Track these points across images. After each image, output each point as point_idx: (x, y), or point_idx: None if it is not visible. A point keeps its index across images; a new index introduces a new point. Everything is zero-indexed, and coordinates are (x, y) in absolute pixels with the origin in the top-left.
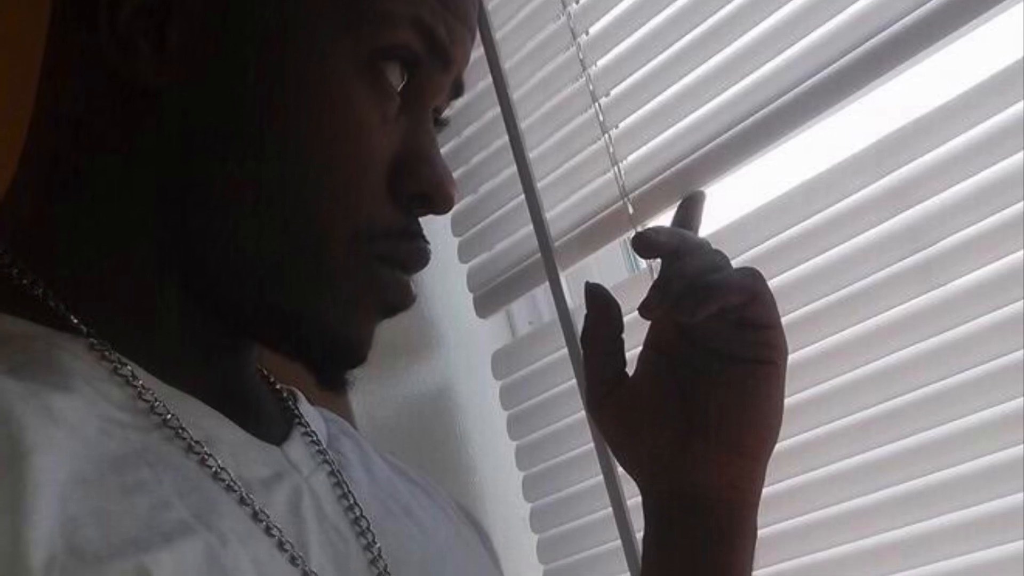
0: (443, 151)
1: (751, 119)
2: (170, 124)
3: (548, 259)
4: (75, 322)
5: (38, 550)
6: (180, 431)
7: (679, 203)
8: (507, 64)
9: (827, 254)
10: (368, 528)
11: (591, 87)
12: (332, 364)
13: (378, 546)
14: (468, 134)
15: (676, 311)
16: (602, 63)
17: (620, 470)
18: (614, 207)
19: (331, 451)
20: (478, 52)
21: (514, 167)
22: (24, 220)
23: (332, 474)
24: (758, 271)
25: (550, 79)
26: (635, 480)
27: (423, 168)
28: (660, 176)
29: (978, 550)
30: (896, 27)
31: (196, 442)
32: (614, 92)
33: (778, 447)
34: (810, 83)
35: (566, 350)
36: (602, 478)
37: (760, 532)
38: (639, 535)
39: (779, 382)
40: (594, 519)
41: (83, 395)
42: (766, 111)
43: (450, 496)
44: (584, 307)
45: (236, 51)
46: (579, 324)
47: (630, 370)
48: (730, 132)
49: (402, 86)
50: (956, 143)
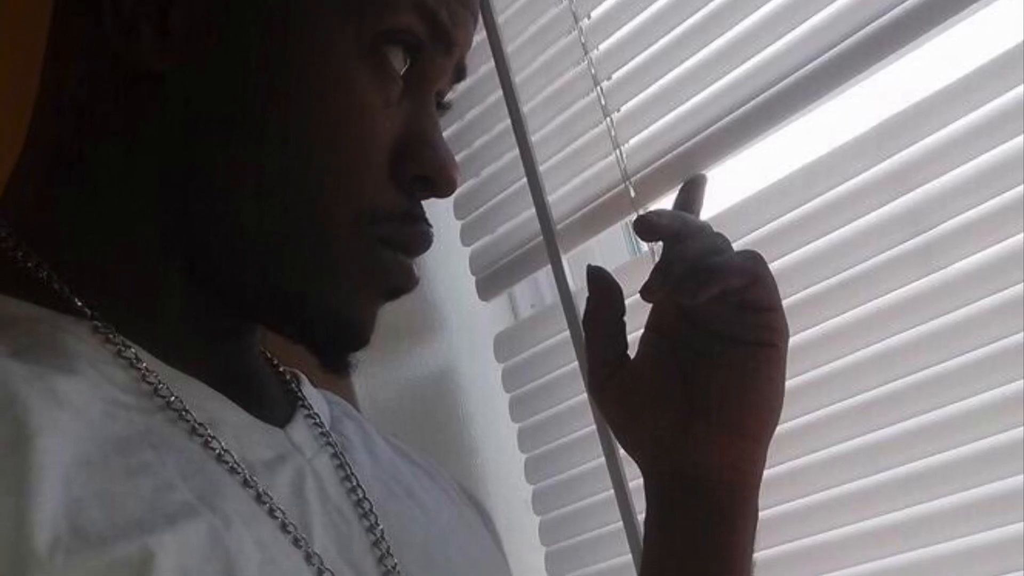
0: (445, 134)
1: (752, 103)
2: (173, 109)
3: (550, 242)
4: (79, 305)
5: (43, 532)
6: (183, 413)
7: (680, 186)
8: (509, 48)
9: (828, 237)
10: (371, 510)
11: (593, 71)
12: (335, 346)
13: (381, 528)
14: (470, 117)
15: (677, 294)
16: (604, 47)
17: (622, 452)
18: (616, 190)
19: (334, 433)
20: (480, 36)
21: (516, 150)
22: (28, 204)
23: (335, 456)
24: (759, 254)
25: (552, 63)
26: (636, 462)
27: (425, 151)
28: (662, 159)
29: (978, 532)
30: (896, 11)
31: (200, 424)
32: (616, 76)
33: (779, 429)
34: (811, 67)
35: (568, 333)
36: (604, 460)
37: (761, 514)
38: (641, 517)
39: (780, 364)
40: (596, 501)
41: (87, 378)
42: (767, 95)
43: (452, 478)
44: (586, 290)
45: (239, 35)
46: (581, 307)
47: (632, 352)
48: (731, 116)
49: (404, 70)
50: (956, 127)
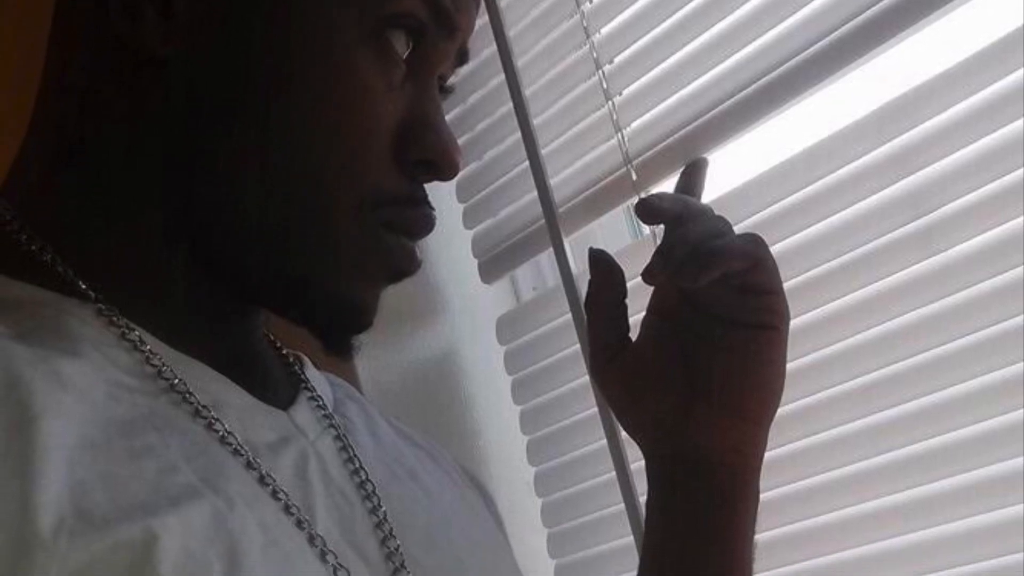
0: (448, 118)
1: (753, 86)
2: (177, 93)
3: (552, 225)
4: (83, 288)
5: (47, 514)
6: (187, 395)
7: (682, 169)
8: (511, 32)
9: (829, 220)
10: (373, 492)
11: (595, 55)
12: (338, 329)
13: (383, 509)
14: (473, 101)
15: (679, 277)
16: (606, 31)
17: (623, 434)
18: (617, 174)
19: (337, 415)
20: (483, 20)
21: (518, 134)
22: (32, 187)
23: (338, 438)
24: (760, 237)
25: (554, 46)
26: (638, 444)
27: (428, 135)
28: (663, 143)
29: (978, 514)
30: None
31: (203, 406)
32: (617, 60)
33: (780, 412)
34: (812, 50)
35: (570, 315)
36: (605, 442)
37: (762, 496)
38: (642, 499)
39: (781, 347)
40: (597, 483)
41: (91, 360)
42: (768, 78)
43: (455, 460)
44: (588, 273)
45: (242, 20)
46: (583, 289)
47: (633, 335)
48: (733, 99)
49: (407, 54)
50: (957, 110)
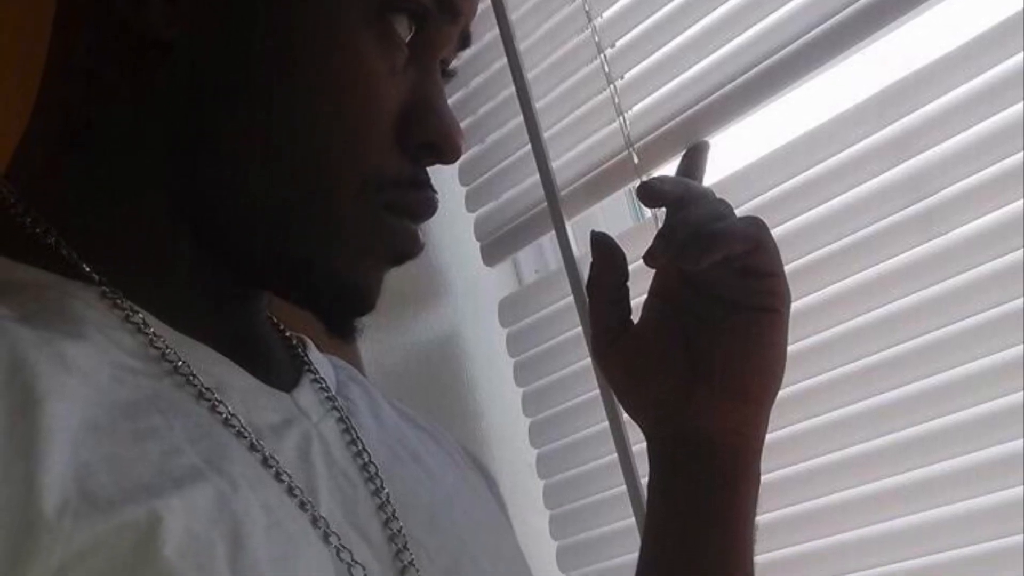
0: (450, 101)
1: (755, 70)
2: (181, 75)
3: (554, 208)
4: (87, 270)
5: (51, 495)
6: (191, 378)
7: (683, 153)
8: (514, 16)
9: (829, 203)
10: (376, 473)
11: (597, 38)
12: (341, 312)
13: (386, 491)
14: (475, 85)
15: (680, 259)
16: (607, 15)
17: (625, 416)
18: (619, 157)
19: (340, 397)
20: (485, 3)
21: (520, 117)
22: (37, 170)
23: (341, 420)
24: (761, 220)
25: (556, 30)
26: (640, 426)
27: (431, 118)
28: (665, 126)
29: (979, 496)
30: None
31: (207, 389)
32: (619, 43)
33: (781, 394)
34: (813, 34)
35: (572, 298)
36: (607, 424)
37: (763, 478)
38: (644, 480)
39: (782, 329)
40: (599, 464)
41: (95, 343)
42: (770, 62)
43: (457, 442)
44: (590, 255)
45: (246, 3)
46: (585, 272)
47: (635, 318)
48: (734, 83)
49: (410, 37)
50: (957, 94)
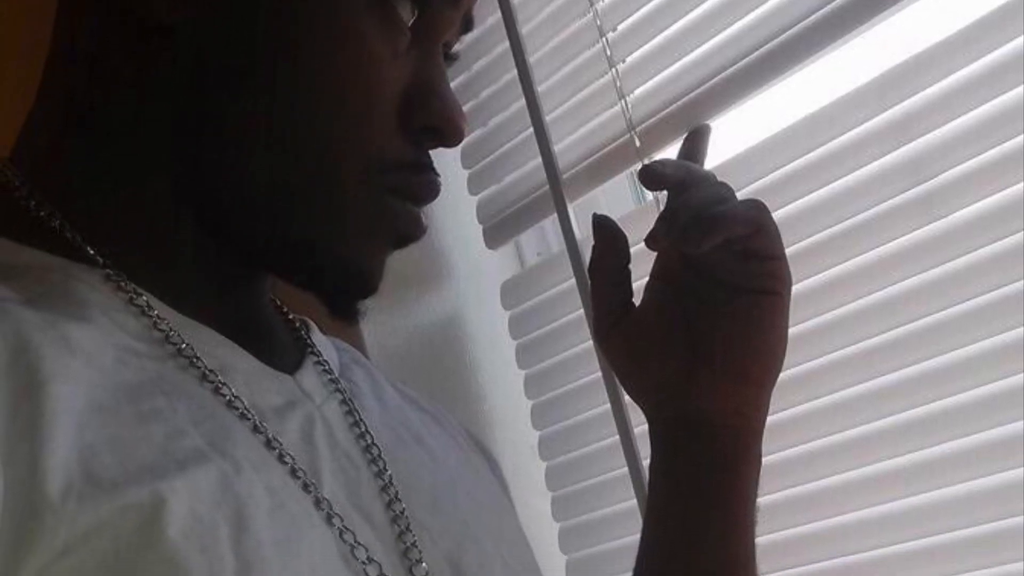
0: (453, 85)
1: (756, 53)
2: (184, 60)
3: (556, 191)
4: (91, 253)
5: (55, 477)
6: (195, 360)
7: (685, 136)
8: None
9: (830, 186)
10: (379, 455)
11: (598, 22)
12: (344, 294)
13: (389, 473)
14: (478, 68)
15: (682, 242)
16: None
17: (627, 398)
18: (621, 140)
19: (343, 380)
20: None
21: (523, 101)
22: (41, 154)
23: (344, 402)
24: (763, 203)
25: (558, 14)
26: (641, 408)
27: (433, 101)
28: (666, 110)
29: (979, 477)
30: None
31: (210, 371)
32: (621, 27)
33: (782, 376)
34: (814, 18)
35: (574, 280)
36: (609, 406)
37: (764, 460)
38: (646, 462)
39: (783, 312)
40: (601, 446)
41: (99, 325)
42: (771, 45)
43: (460, 424)
44: (592, 238)
45: None
46: (587, 255)
47: (637, 300)
48: (735, 66)
49: (412, 21)
50: (957, 77)
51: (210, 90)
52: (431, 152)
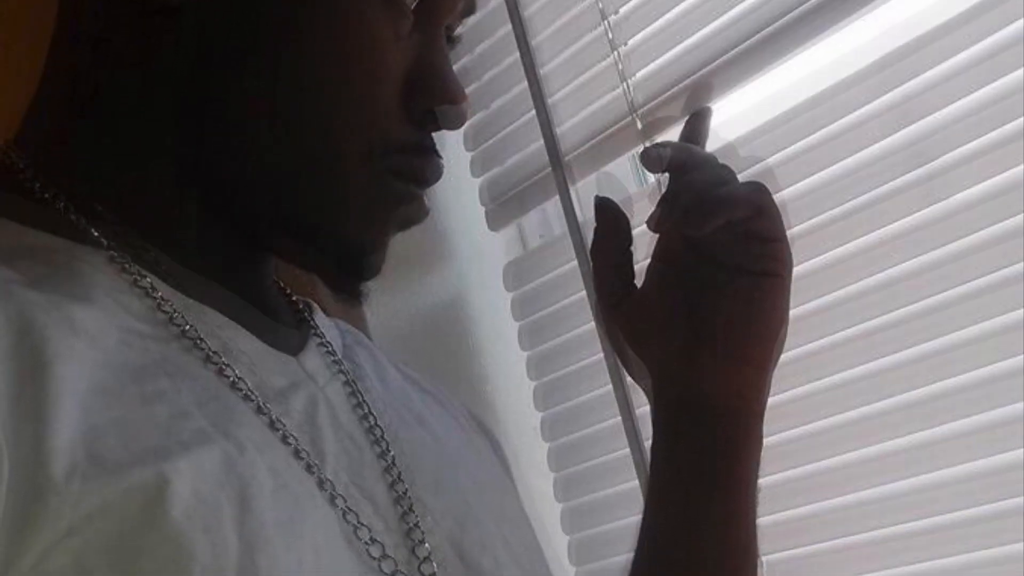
0: (455, 67)
1: (757, 36)
2: (188, 41)
3: (559, 173)
4: (96, 235)
5: (60, 458)
6: (198, 342)
7: (687, 119)
8: None
9: (831, 168)
10: (382, 436)
11: (600, 5)
12: (347, 276)
13: (392, 454)
14: (480, 51)
15: (683, 224)
16: None
17: (629, 380)
18: (623, 122)
19: (346, 361)
20: None
21: (525, 83)
22: (46, 136)
23: (347, 384)
24: (764, 185)
25: None
26: (643, 390)
27: (436, 84)
28: (668, 92)
29: (979, 458)
30: None
31: (214, 352)
32: (623, 10)
33: (783, 358)
34: (815, 0)
35: (576, 262)
36: (611, 388)
37: (766, 441)
38: (648, 444)
39: (784, 294)
40: (604, 428)
41: (104, 307)
42: (772, 28)
43: (462, 405)
44: (594, 220)
45: None
46: (589, 237)
47: (638, 282)
48: (736, 49)
49: (415, 4)
50: (958, 59)
51: (214, 72)
52: (434, 134)
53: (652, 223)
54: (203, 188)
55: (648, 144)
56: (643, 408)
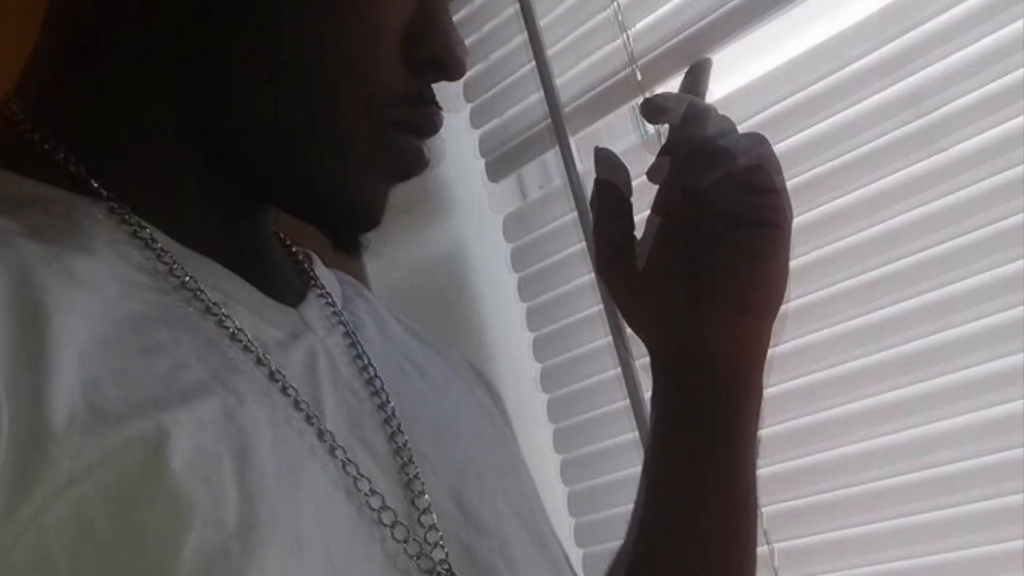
0: (455, 19)
1: None
2: None
3: (558, 125)
4: (95, 186)
5: (59, 409)
6: (198, 293)
7: (686, 69)
8: None
9: (832, 120)
10: (382, 388)
11: None
12: (347, 227)
13: (392, 405)
14: (479, 2)
15: (684, 175)
16: None
17: (628, 331)
18: (622, 74)
19: (346, 313)
20: None
21: (524, 34)
22: (46, 87)
23: (347, 335)
24: (764, 136)
25: None
26: (643, 340)
27: (435, 35)
28: (668, 43)
29: (980, 409)
30: None
31: (214, 303)
32: None
33: (783, 308)
34: None
35: (575, 214)
36: (610, 339)
37: (766, 391)
38: (647, 394)
39: (784, 245)
40: (603, 379)
41: (103, 257)
42: None
43: (462, 356)
44: (593, 171)
45: None
46: (588, 188)
47: (638, 233)
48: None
49: None
50: (958, 10)
51: (215, 23)
52: (433, 86)
53: (652, 174)
54: (203, 139)
55: (648, 95)
56: (642, 359)
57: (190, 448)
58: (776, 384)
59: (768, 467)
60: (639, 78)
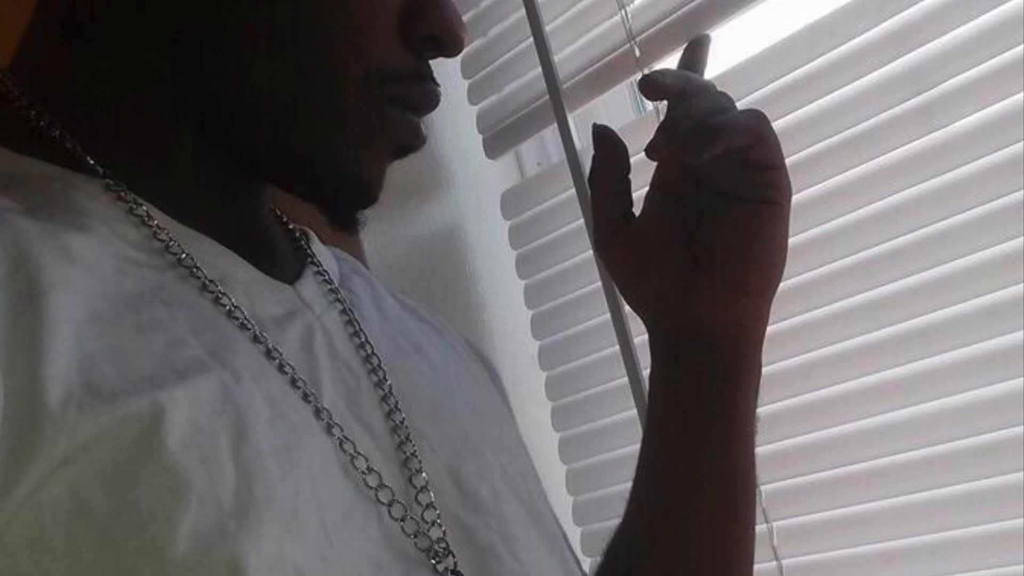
0: None
1: None
2: None
3: (556, 101)
4: (91, 163)
5: (55, 387)
6: (194, 270)
7: (685, 46)
8: None
9: (830, 96)
10: (379, 365)
11: None
12: (344, 204)
13: (389, 383)
14: None
15: (682, 152)
16: None
17: (627, 308)
18: (621, 50)
19: (343, 290)
20: None
21: (523, 10)
22: (41, 63)
23: (344, 312)
24: (763, 113)
25: None
26: (642, 318)
27: (433, 11)
28: (667, 19)
29: (979, 387)
30: None
31: (210, 281)
32: None
33: (782, 286)
34: None
35: (574, 190)
36: (609, 316)
37: (765, 369)
38: (646, 372)
39: (783, 222)
40: (601, 356)
41: (99, 235)
42: None
43: (460, 334)
44: (592, 148)
45: None
46: (587, 165)
47: (637, 210)
48: None
49: None
50: None
51: None
52: (431, 62)
53: (650, 151)
54: (200, 115)
55: (646, 71)
56: (641, 337)
57: (186, 426)
58: (775, 362)
59: (767, 445)
60: (638, 55)
